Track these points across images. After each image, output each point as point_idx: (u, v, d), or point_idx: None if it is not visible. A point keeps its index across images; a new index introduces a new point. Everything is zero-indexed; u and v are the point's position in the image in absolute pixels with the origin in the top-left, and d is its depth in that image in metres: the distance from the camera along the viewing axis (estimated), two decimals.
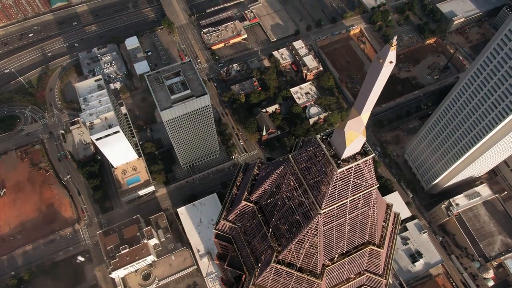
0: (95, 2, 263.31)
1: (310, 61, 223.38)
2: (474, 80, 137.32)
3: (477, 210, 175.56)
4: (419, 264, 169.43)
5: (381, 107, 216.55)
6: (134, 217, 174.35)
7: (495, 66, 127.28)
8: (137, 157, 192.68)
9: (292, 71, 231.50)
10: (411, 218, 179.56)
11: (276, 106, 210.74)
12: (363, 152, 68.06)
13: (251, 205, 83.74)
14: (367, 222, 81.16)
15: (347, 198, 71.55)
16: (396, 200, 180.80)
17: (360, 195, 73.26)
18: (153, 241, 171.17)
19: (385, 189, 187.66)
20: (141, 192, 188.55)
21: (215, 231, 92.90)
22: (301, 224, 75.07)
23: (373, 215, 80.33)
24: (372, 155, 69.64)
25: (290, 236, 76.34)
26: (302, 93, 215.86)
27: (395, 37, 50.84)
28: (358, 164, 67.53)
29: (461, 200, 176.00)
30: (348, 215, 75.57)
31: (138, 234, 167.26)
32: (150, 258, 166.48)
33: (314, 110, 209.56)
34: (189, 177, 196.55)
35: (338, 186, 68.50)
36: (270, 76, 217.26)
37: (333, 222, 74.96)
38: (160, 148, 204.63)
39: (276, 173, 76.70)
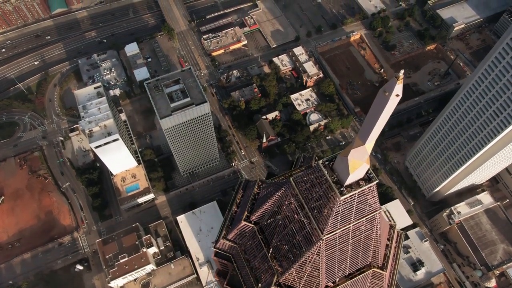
0: (95, 8, 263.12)
1: (310, 67, 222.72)
2: (476, 89, 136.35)
3: (478, 218, 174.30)
4: (421, 273, 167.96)
5: None
6: (133, 225, 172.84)
7: (497, 75, 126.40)
8: (137, 164, 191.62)
9: (292, 77, 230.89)
10: (412, 226, 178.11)
11: (276, 112, 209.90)
12: (367, 178, 66.79)
13: (251, 225, 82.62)
14: (370, 245, 79.75)
15: (350, 224, 70.28)
16: (397, 208, 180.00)
17: (363, 220, 71.98)
18: (152, 250, 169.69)
19: (386, 197, 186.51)
20: (141, 200, 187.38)
21: (214, 249, 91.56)
22: (302, 248, 73.68)
23: (377, 238, 78.96)
24: (376, 181, 68.26)
25: (291, 259, 75.16)
26: (302, 99, 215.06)
27: (402, 71, 49.65)
28: (362, 191, 66.27)
29: (462, 208, 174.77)
30: (351, 239, 74.21)
31: (137, 242, 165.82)
32: (149, 267, 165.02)
33: (314, 117, 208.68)
34: (188, 185, 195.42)
35: (341, 212, 67.23)
36: (270, 83, 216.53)
37: (336, 246, 73.57)
38: (160, 155, 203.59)
39: (277, 194, 75.66)
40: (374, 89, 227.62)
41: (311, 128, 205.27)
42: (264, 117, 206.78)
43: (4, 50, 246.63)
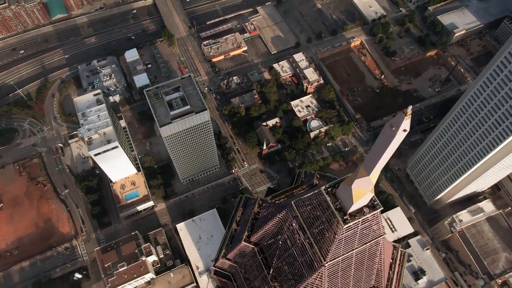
0: (94, 14, 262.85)
1: (311, 73, 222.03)
2: (477, 97, 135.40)
3: (480, 227, 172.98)
4: (422, 282, 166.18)
5: (382, 120, 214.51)
6: (133, 233, 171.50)
7: (499, 84, 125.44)
8: (136, 171, 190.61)
9: (292, 83, 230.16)
10: (414, 234, 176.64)
11: (277, 119, 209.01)
12: (371, 205, 65.66)
13: (251, 246, 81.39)
14: (373, 268, 78.55)
15: (353, 250, 69.06)
16: (398, 216, 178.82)
17: (366, 246, 70.79)
18: (151, 258, 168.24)
19: (386, 204, 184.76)
20: (140, 207, 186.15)
21: (214, 268, 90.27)
22: (304, 273, 72.39)
23: (380, 261, 77.66)
24: (381, 208, 66.99)
25: (292, 282, 73.95)
26: (302, 106, 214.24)
27: (410, 107, 48.86)
28: (366, 218, 65.13)
29: (464, 216, 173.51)
30: (354, 264, 72.93)
31: (136, 251, 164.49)
32: (149, 276, 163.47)
33: (315, 123, 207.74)
34: (188, 192, 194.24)
35: (344, 239, 66.06)
36: (271, 89, 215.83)
37: (338, 271, 72.34)
38: (160, 162, 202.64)
39: (278, 217, 74.58)
40: (374, 95, 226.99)
41: (312, 135, 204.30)
42: (264, 123, 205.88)
43: (4, 55, 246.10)
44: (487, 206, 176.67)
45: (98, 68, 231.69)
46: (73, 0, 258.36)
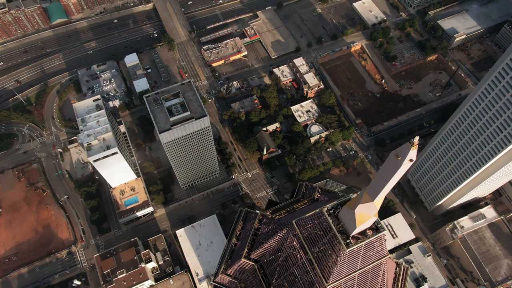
0: (95, 19, 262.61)
1: (311, 78, 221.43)
2: (479, 104, 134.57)
3: (482, 233, 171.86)
4: None
5: (383, 125, 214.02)
6: (132, 239, 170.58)
7: (500, 90, 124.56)
8: (136, 177, 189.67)
9: (293, 88, 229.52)
10: (415, 240, 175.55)
11: (277, 124, 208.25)
12: (375, 228, 64.51)
13: (251, 263, 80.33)
14: (376, 287, 77.11)
15: (355, 271, 67.95)
16: (399, 222, 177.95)
17: (369, 267, 69.62)
18: (151, 265, 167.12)
19: (387, 210, 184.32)
20: (140, 213, 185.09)
21: (213, 283, 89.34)
22: None
23: (383, 281, 76.43)
24: (384, 231, 65.91)
25: None
26: (303, 111, 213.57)
27: (417, 138, 48.07)
28: (369, 241, 63.90)
29: (465, 223, 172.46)
30: (357, 285, 71.71)
31: (135, 257, 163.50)
32: (148, 283, 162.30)
33: (315, 128, 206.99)
34: (188, 197, 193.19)
35: (347, 261, 64.84)
36: (271, 94, 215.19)
37: None
38: (159, 167, 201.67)
39: (279, 235, 73.55)
40: (375, 100, 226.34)
41: (312, 140, 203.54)
42: (264, 129, 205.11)
43: (2, 62, 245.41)
44: (489, 212, 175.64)
45: (98, 73, 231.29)
46: (73, 4, 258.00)
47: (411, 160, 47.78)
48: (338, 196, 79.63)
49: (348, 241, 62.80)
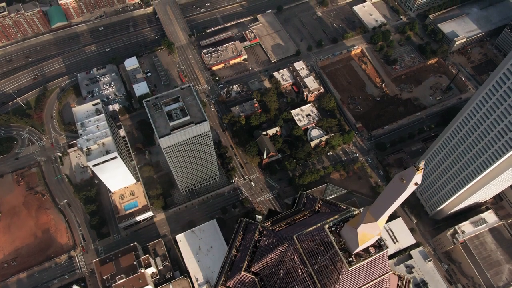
0: (94, 22, 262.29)
1: (311, 82, 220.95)
2: (480, 109, 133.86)
3: (483, 238, 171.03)
4: None
5: (383, 129, 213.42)
6: (131, 244, 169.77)
7: (501, 96, 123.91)
8: (135, 181, 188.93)
9: (293, 92, 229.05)
10: (416, 245, 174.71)
11: (277, 128, 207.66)
12: (377, 245, 63.53)
13: (251, 276, 79.64)
14: None
15: None
16: (400, 227, 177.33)
17: (372, 284, 68.68)
18: (150, 270, 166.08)
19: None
20: (139, 218, 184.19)
21: None
22: None
23: None
24: (387, 249, 64.92)
25: None
26: (303, 115, 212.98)
27: (423, 162, 47.54)
28: (373, 259, 62.93)
29: (466, 227, 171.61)
30: None
31: (135, 263, 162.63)
32: None
33: (315, 132, 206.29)
34: (188, 202, 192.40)
35: (349, 279, 63.84)
36: (271, 98, 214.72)
37: None
38: (159, 172, 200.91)
39: (279, 249, 72.82)
40: (375, 103, 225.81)
41: (312, 144, 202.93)
42: (264, 133, 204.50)
43: (3, 63, 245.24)
44: (490, 217, 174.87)
45: (98, 76, 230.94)
46: (73, 8, 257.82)
47: (416, 184, 47.39)
48: (339, 208, 78.81)
49: (350, 259, 61.95)
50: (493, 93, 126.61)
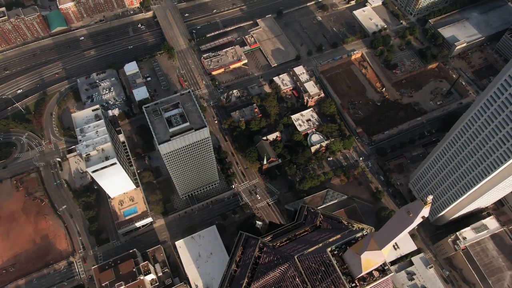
0: (94, 27, 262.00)
1: (311, 87, 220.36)
2: (481, 116, 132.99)
3: (484, 244, 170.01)
4: None
5: (384, 134, 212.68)
6: (131, 251, 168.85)
7: (503, 102, 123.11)
8: (135, 187, 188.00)
9: (293, 97, 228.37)
10: (417, 251, 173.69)
11: (277, 133, 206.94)
12: (381, 269, 62.42)
13: None
14: None
15: None
16: None
17: None
18: (150, 277, 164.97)
19: None
20: (138, 224, 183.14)
21: None
22: None
23: None
24: (391, 274, 63.96)
25: None
26: (303, 120, 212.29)
27: (431, 196, 46.80)
28: (377, 284, 61.82)
29: (468, 234, 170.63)
30: None
31: (134, 269, 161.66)
32: None
33: (315, 137, 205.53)
34: (188, 208, 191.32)
35: None
36: (271, 103, 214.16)
37: None
38: (159, 177, 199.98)
39: (280, 269, 71.85)
40: (376, 108, 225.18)
41: (313, 149, 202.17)
42: (264, 138, 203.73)
43: (8, 70, 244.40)
44: (491, 223, 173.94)
45: (97, 81, 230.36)
46: (73, 13, 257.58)
47: (423, 217, 46.81)
48: (341, 224, 77.45)
49: (353, 284, 60.98)
50: (495, 100, 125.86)
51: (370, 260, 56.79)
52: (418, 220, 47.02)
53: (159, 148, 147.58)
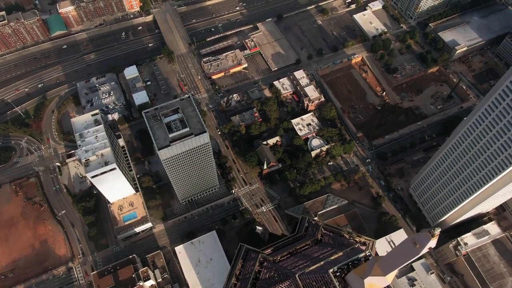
0: (94, 31, 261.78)
1: (312, 91, 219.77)
2: (482, 121, 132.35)
3: (486, 250, 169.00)
4: None
5: (384, 138, 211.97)
6: (130, 257, 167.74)
7: (504, 108, 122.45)
8: (134, 192, 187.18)
9: (293, 101, 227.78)
10: (418, 257, 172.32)
11: (277, 138, 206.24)
12: None
13: None
14: None
15: None
16: (401, 238, 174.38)
17: None
18: (149, 283, 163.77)
19: (389, 226, 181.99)
20: (138, 229, 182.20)
21: None
22: None
23: None
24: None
25: None
26: (303, 124, 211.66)
27: (439, 230, 46.08)
28: None
29: (469, 239, 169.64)
30: None
31: (134, 275, 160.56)
32: None
33: (316, 142, 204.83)
34: (187, 213, 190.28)
35: None
36: (271, 107, 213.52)
37: None
38: (158, 182, 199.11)
39: (281, 286, 71.09)
40: (376, 112, 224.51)
41: (313, 153, 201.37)
42: (264, 142, 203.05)
43: (2, 73, 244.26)
44: (492, 228, 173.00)
45: (97, 85, 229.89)
46: (73, 16, 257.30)
47: (430, 248, 46.25)
48: (342, 238, 76.27)
49: None
50: (496, 106, 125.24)
51: (374, 285, 56.01)
52: (425, 251, 46.27)
53: (159, 153, 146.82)
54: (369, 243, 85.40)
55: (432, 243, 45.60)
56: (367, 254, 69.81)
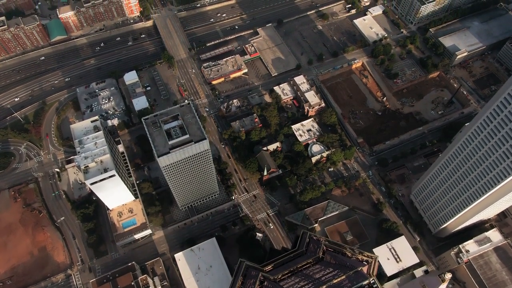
0: (94, 36, 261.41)
1: (312, 97, 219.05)
2: (484, 128, 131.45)
3: (488, 257, 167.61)
4: None
5: (385, 144, 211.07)
6: (129, 264, 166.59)
7: (506, 116, 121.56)
8: (134, 198, 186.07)
9: (293, 106, 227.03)
10: (419, 264, 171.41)
11: (278, 144, 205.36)
12: None
13: None
14: None
15: None
16: (402, 245, 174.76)
17: None
18: None
19: (390, 233, 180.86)
20: (137, 236, 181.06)
21: None
22: None
23: None
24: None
25: None
26: (304, 130, 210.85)
27: (450, 274, 44.94)
28: None
29: (471, 246, 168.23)
30: None
31: (133, 283, 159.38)
32: None
33: (316, 148, 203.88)
34: (187, 219, 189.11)
35: None
36: (271, 113, 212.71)
37: None
38: (158, 188, 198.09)
39: None
40: (377, 118, 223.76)
41: (313, 159, 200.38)
42: (265, 148, 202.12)
43: (1, 78, 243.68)
44: (494, 235, 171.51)
45: (97, 90, 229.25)
46: (73, 22, 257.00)
47: None
48: (344, 258, 74.77)
49: None
50: (498, 113, 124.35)
51: None
52: None
53: (158, 160, 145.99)
54: (371, 261, 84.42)
55: (442, 286, 44.50)
56: (371, 282, 69.04)
